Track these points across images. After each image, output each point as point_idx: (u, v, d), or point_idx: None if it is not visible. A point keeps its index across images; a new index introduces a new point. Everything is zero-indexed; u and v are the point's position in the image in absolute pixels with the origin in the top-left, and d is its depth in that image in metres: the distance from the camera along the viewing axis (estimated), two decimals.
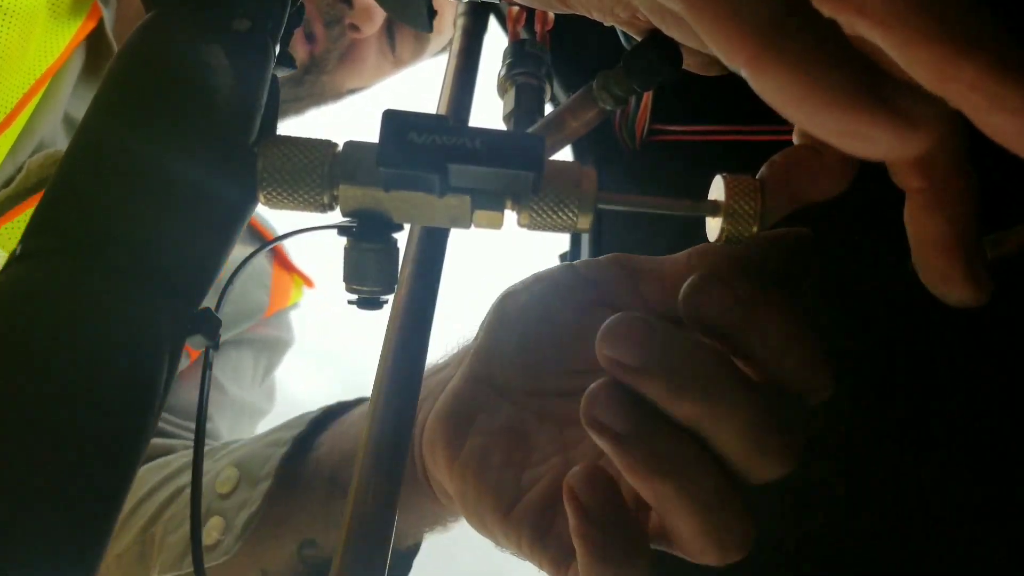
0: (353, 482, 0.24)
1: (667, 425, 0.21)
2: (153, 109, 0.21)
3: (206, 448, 0.51)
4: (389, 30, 0.73)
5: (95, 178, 0.20)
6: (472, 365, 0.31)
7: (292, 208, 0.21)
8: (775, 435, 0.21)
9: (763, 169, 0.23)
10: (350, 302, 0.24)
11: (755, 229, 0.22)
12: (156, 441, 0.60)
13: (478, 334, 0.31)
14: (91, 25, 0.50)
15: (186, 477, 0.47)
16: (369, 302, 0.24)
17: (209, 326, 0.22)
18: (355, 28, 0.70)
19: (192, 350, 0.65)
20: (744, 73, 0.15)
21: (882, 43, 0.16)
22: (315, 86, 0.72)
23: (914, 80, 0.20)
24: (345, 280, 0.23)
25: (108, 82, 0.21)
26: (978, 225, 0.20)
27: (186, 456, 0.51)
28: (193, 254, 0.21)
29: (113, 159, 0.20)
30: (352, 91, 0.78)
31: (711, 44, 0.15)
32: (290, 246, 0.82)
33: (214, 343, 0.23)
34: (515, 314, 0.30)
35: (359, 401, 0.42)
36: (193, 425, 0.66)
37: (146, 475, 0.51)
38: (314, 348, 0.87)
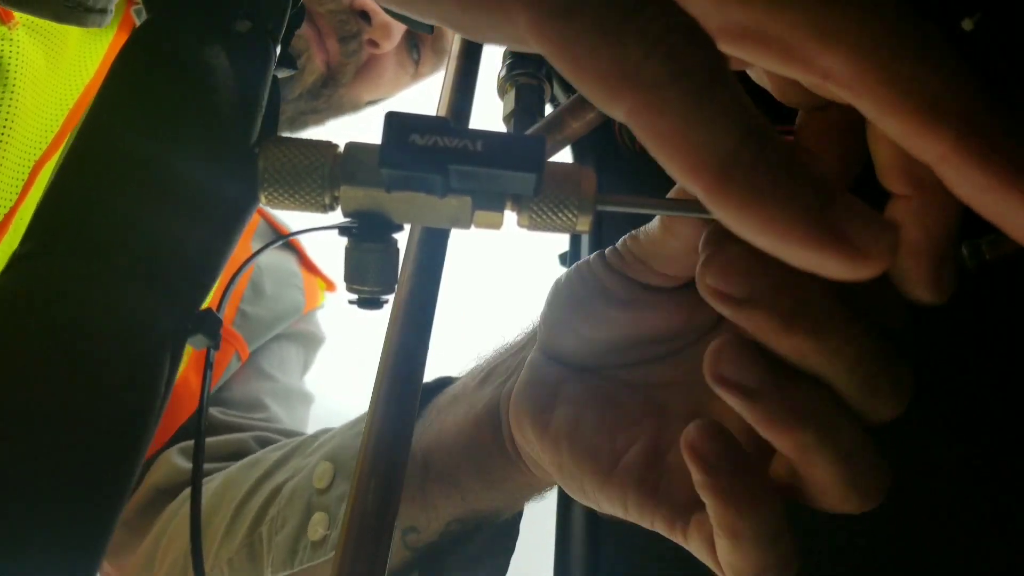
0: (353, 482, 0.24)
1: (795, 375, 0.21)
2: (154, 110, 0.21)
3: (296, 442, 0.51)
4: (412, 43, 0.74)
5: (96, 179, 0.20)
6: (541, 341, 0.30)
7: (293, 208, 0.21)
8: (885, 370, 0.21)
9: None
10: (350, 302, 0.24)
11: None
12: (230, 437, 0.62)
13: (540, 314, 0.31)
14: (124, 36, 0.49)
15: (282, 475, 0.47)
16: (369, 302, 0.24)
17: (210, 326, 0.22)
18: (374, 44, 0.71)
19: (243, 353, 0.70)
20: (701, 198, 0.15)
21: (853, 104, 0.16)
22: (332, 99, 0.74)
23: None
24: (346, 280, 0.23)
25: (109, 82, 0.21)
26: (954, 235, 0.20)
27: (276, 453, 0.51)
28: (194, 254, 0.21)
29: (114, 160, 0.20)
30: (371, 103, 0.80)
31: (668, 170, 0.15)
32: (310, 250, 0.85)
33: (214, 343, 0.23)
34: (564, 297, 0.29)
35: (441, 384, 0.41)
36: (256, 414, 0.68)
37: (239, 475, 0.51)
38: (335, 347, 0.88)
